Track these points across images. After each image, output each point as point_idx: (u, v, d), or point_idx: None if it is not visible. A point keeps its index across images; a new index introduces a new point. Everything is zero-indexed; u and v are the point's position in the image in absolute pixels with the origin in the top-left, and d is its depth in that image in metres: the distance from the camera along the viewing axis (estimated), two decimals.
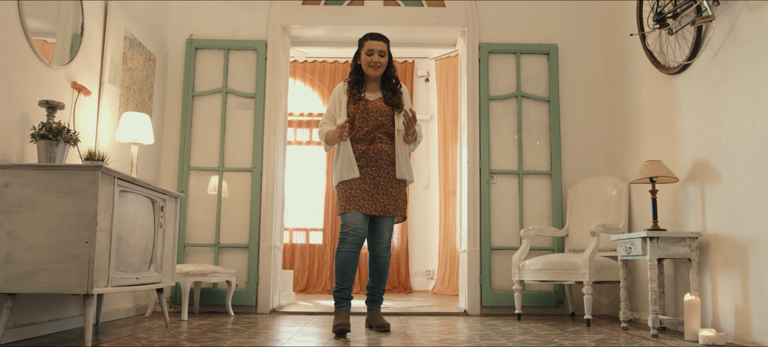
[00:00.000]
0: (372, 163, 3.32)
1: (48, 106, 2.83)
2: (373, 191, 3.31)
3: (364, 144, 3.33)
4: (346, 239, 3.27)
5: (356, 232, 3.26)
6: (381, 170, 3.33)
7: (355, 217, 3.27)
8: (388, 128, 3.38)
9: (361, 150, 3.33)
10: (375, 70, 3.38)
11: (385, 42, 3.42)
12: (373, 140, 3.34)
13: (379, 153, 3.33)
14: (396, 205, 3.36)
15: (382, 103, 3.39)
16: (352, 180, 3.30)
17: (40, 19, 3.30)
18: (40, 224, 2.55)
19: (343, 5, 4.95)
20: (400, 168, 3.37)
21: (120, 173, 2.81)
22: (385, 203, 3.32)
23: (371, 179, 3.31)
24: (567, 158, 4.75)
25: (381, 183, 3.32)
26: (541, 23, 4.91)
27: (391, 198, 3.34)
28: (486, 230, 4.61)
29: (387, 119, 3.38)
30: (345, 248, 3.27)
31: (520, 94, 4.80)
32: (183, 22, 4.86)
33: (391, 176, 3.36)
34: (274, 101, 4.77)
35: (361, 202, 3.28)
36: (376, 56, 3.36)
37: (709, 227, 3.21)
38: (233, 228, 4.65)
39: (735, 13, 3.00)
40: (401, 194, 3.41)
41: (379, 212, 3.31)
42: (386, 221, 3.39)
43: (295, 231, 7.72)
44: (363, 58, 3.40)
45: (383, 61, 3.39)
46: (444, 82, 7.56)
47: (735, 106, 3.00)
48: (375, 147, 3.33)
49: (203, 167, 4.70)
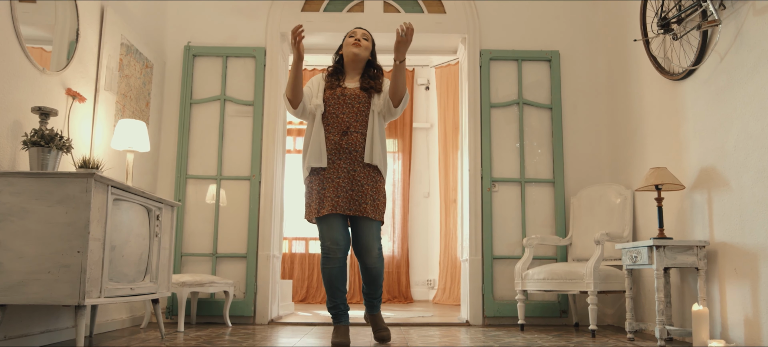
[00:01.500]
0: (346, 155, 3.05)
1: (41, 112, 2.77)
2: (349, 187, 3.02)
3: (337, 134, 3.08)
4: (329, 254, 3.03)
5: (338, 244, 3.01)
6: (356, 164, 3.05)
7: (333, 228, 3.01)
8: (364, 118, 3.12)
9: (334, 141, 3.07)
10: (357, 49, 3.17)
11: (370, 34, 3.30)
12: (347, 130, 3.07)
13: (353, 144, 3.06)
14: (374, 206, 3.05)
15: (359, 90, 3.17)
16: (325, 175, 3.05)
17: (37, 26, 3.25)
18: (31, 234, 2.48)
19: (343, 12, 4.91)
20: (370, 152, 3.05)
21: (114, 181, 2.74)
22: (361, 202, 3.02)
23: (346, 173, 3.04)
24: (569, 165, 4.69)
25: (356, 178, 3.04)
26: (543, 30, 4.86)
27: (369, 197, 3.03)
28: (488, 239, 4.54)
29: (364, 107, 3.14)
30: (330, 265, 3.04)
31: (522, 101, 4.74)
32: (181, 29, 4.81)
33: (368, 171, 3.07)
34: (273, 109, 4.71)
35: (335, 200, 2.99)
36: (359, 35, 3.23)
37: (717, 235, 3.14)
38: (231, 237, 4.58)
39: (742, 17, 2.94)
40: (379, 193, 3.11)
41: (355, 212, 3.01)
42: (371, 229, 3.09)
43: (295, 240, 7.64)
44: (345, 42, 3.25)
45: (365, 43, 3.21)
46: (444, 90, 7.51)
47: (742, 111, 2.93)
48: (349, 138, 3.06)
49: (201, 176, 4.63)
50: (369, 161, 3.07)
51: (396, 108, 3.14)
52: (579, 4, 4.90)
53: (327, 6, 4.92)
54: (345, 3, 4.93)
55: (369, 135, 3.09)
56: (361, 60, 3.22)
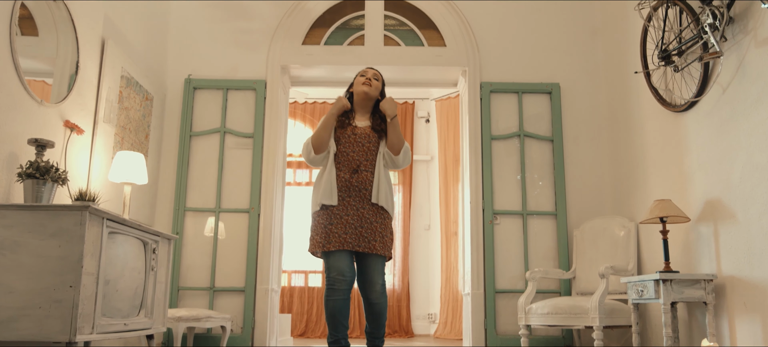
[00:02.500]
0: (355, 193, 3.08)
1: (37, 144, 2.74)
2: (357, 224, 3.05)
3: (348, 172, 3.10)
4: (334, 285, 3.02)
5: (344, 276, 3.01)
6: (365, 202, 3.08)
7: (340, 260, 3.02)
8: (374, 157, 3.16)
9: (344, 179, 3.09)
10: (368, 88, 3.21)
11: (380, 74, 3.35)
12: (357, 169, 3.11)
13: (363, 183, 3.09)
14: (383, 242, 3.09)
15: (370, 130, 3.19)
16: (333, 211, 3.06)
17: (39, 59, 3.25)
18: (23, 268, 2.42)
19: (343, 45, 4.92)
20: (377, 192, 3.10)
21: (109, 214, 2.69)
22: (370, 239, 3.05)
23: (355, 211, 3.06)
24: (572, 197, 4.64)
25: (365, 216, 3.07)
26: (543, 62, 4.87)
27: (377, 234, 3.07)
28: (490, 272, 4.47)
29: (374, 146, 3.18)
30: (334, 297, 3.02)
31: (523, 133, 4.72)
32: (182, 62, 4.82)
33: (376, 209, 3.11)
34: (273, 141, 4.69)
35: (343, 237, 3.02)
36: (370, 74, 3.26)
37: (725, 268, 3.08)
38: (229, 271, 4.50)
39: (743, 49, 2.93)
40: (387, 230, 3.14)
41: (364, 249, 3.04)
42: (376, 264, 3.11)
43: (294, 273, 7.54)
44: (356, 81, 3.28)
45: (376, 83, 3.25)
46: (445, 122, 7.51)
47: (747, 143, 2.90)
48: (360, 177, 3.10)
49: (200, 208, 4.58)
50: (375, 202, 3.11)
51: (397, 157, 3.18)
52: (579, 36, 4.92)
53: (328, 39, 4.94)
54: (345, 36, 4.95)
55: (376, 175, 3.14)
56: (372, 99, 3.27)
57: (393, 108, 3.12)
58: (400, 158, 3.17)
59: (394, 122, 3.13)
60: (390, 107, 3.12)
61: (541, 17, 4.96)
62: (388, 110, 3.12)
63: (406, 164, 3.23)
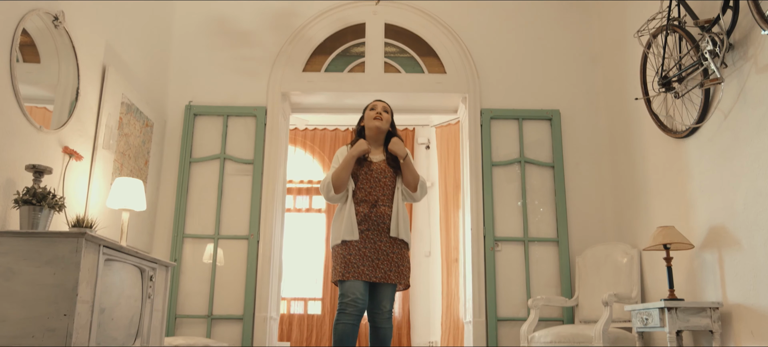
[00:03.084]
0: (374, 227, 3.18)
1: (34, 170, 2.72)
2: (374, 256, 3.15)
3: (367, 207, 3.20)
4: (346, 310, 3.08)
5: (356, 303, 3.07)
6: (382, 235, 3.18)
7: (354, 286, 3.09)
8: (391, 191, 3.27)
9: (363, 213, 3.19)
10: (379, 122, 3.31)
11: (389, 106, 3.44)
12: (375, 203, 3.21)
13: (381, 217, 3.19)
14: (399, 272, 3.19)
15: (385, 164, 3.29)
16: (352, 244, 3.15)
17: (41, 86, 3.25)
18: (17, 296, 2.38)
19: (344, 72, 4.94)
20: (396, 226, 3.21)
21: (106, 241, 2.66)
22: (386, 270, 3.15)
23: (372, 244, 3.16)
24: (573, 224, 4.60)
25: (382, 249, 3.16)
26: (543, 89, 4.88)
27: (393, 264, 3.17)
28: (492, 299, 4.41)
29: (390, 181, 3.27)
30: (344, 320, 3.07)
31: (523, 159, 4.70)
32: (183, 88, 4.83)
33: (393, 240, 3.20)
34: (273, 167, 4.67)
35: (360, 268, 3.11)
36: (379, 109, 3.35)
37: (730, 296, 3.03)
38: (228, 298, 4.44)
39: (744, 74, 2.93)
40: (404, 260, 3.23)
41: (380, 279, 3.13)
42: (387, 290, 3.20)
43: (293, 301, 7.45)
44: (367, 115, 3.37)
45: (386, 116, 3.35)
46: (445, 149, 7.50)
47: (750, 169, 2.88)
48: (378, 211, 3.20)
49: (198, 235, 4.55)
50: (395, 235, 3.20)
51: (414, 193, 3.28)
52: (578, 63, 4.93)
53: (328, 66, 4.96)
54: (346, 63, 4.97)
55: (395, 209, 3.23)
56: (383, 132, 3.37)
57: (402, 149, 3.22)
58: (418, 194, 3.29)
59: (407, 161, 3.23)
60: (400, 149, 3.21)
61: (540, 44, 4.98)
62: (398, 151, 3.21)
63: (423, 196, 3.34)
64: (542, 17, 5.04)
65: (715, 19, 3.01)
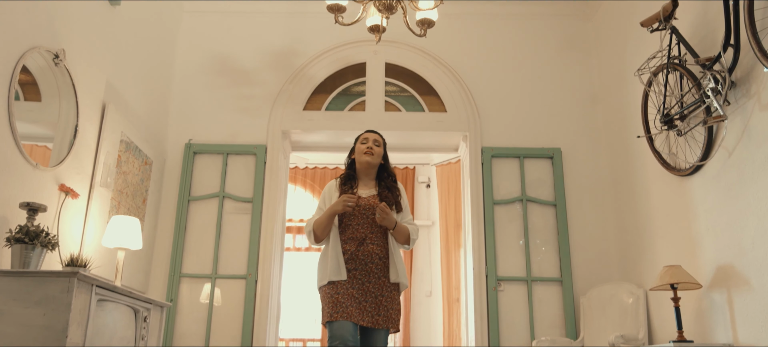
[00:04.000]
0: (361, 266, 3.00)
1: (29, 208, 2.68)
2: (361, 298, 2.97)
3: (354, 244, 3.02)
4: None
5: (346, 343, 2.89)
6: (371, 275, 3.00)
7: (344, 327, 2.90)
8: (381, 228, 3.07)
9: (350, 251, 3.01)
10: (370, 157, 3.15)
11: (381, 137, 3.29)
12: (363, 241, 3.03)
13: (369, 256, 3.01)
14: (387, 316, 3.00)
15: (376, 200, 3.11)
16: (339, 283, 2.97)
17: (41, 124, 3.23)
18: (5, 338, 2.30)
19: (344, 110, 4.94)
20: (396, 271, 3.04)
21: (99, 280, 2.59)
22: (374, 314, 2.97)
23: (360, 284, 2.98)
24: (577, 263, 4.52)
25: (370, 290, 2.99)
26: (543, 127, 4.86)
27: (381, 308, 2.99)
28: (495, 340, 4.30)
29: None
30: None
31: (525, 198, 4.66)
32: (182, 126, 4.82)
33: (382, 282, 3.02)
34: (273, 206, 4.62)
35: (349, 309, 2.93)
36: (371, 142, 3.19)
37: (742, 337, 2.94)
38: (224, 339, 4.33)
39: (748, 112, 2.91)
40: (393, 303, 3.06)
41: (368, 323, 2.95)
42: (379, 337, 3.03)
43: (292, 342, 7.30)
44: (357, 148, 3.21)
45: (377, 150, 3.19)
46: (445, 187, 7.46)
47: (757, 207, 2.83)
48: (365, 249, 3.01)
49: (196, 274, 4.47)
50: (395, 280, 3.04)
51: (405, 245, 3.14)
52: (578, 102, 4.93)
53: (329, 105, 4.96)
54: (347, 102, 4.97)
55: (391, 254, 3.06)
56: (374, 166, 3.21)
57: (390, 221, 3.01)
58: (410, 246, 3.14)
59: (396, 229, 3.04)
60: (388, 223, 3.00)
61: (540, 83, 4.99)
62: (387, 224, 3.01)
63: (414, 242, 3.18)
64: (542, 56, 5.06)
65: (717, 57, 3.00)
